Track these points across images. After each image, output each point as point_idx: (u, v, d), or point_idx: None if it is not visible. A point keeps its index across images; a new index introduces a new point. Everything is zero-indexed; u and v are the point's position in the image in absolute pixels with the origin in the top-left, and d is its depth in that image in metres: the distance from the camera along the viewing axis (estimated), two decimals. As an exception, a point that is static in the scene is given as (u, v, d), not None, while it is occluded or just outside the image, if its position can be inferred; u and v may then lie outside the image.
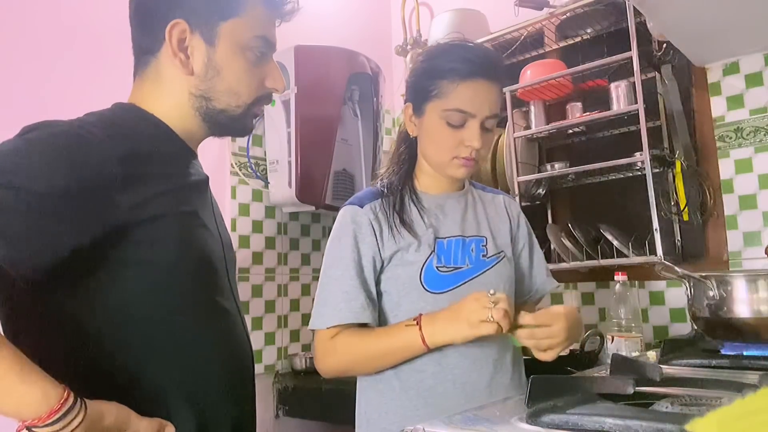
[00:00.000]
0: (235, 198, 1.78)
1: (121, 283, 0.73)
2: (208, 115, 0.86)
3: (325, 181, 1.78)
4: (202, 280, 0.82)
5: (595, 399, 0.70)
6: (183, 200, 0.81)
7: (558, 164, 1.76)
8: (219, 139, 0.96)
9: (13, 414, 0.60)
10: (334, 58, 1.83)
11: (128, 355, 0.74)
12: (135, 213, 0.73)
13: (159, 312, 0.76)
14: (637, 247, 1.54)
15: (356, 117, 1.89)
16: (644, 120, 1.49)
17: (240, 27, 0.83)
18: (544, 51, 1.96)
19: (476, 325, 0.91)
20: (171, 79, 0.84)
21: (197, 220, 0.83)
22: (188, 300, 0.79)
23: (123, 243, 0.72)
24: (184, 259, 0.79)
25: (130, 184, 0.73)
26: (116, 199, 0.71)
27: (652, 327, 1.67)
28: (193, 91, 0.84)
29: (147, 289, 0.75)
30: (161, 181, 0.78)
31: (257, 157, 1.85)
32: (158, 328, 0.76)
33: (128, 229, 0.72)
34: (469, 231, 1.10)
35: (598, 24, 1.81)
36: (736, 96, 1.59)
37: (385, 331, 1.02)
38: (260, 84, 0.88)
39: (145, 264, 0.75)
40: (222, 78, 0.84)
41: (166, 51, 0.82)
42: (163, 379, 0.75)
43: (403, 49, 2.24)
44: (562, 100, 1.82)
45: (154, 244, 0.75)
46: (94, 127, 0.74)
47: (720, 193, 1.59)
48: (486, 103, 1.03)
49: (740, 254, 1.55)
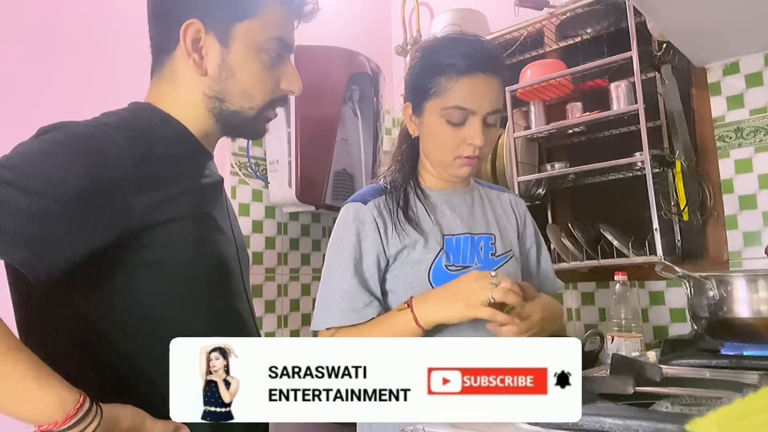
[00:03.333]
0: (235, 198, 1.78)
1: (136, 286, 0.73)
2: (222, 117, 0.85)
3: (325, 181, 1.78)
4: (216, 283, 0.82)
5: (595, 399, 0.70)
6: (198, 202, 0.81)
7: (558, 164, 1.76)
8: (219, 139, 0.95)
9: (29, 419, 0.60)
10: (334, 58, 1.83)
11: (144, 358, 0.73)
12: (150, 215, 0.73)
13: (173, 315, 0.76)
14: (637, 247, 1.54)
15: (356, 117, 1.89)
16: (644, 120, 1.49)
17: (255, 28, 0.82)
18: (544, 51, 1.96)
19: (475, 306, 0.88)
20: (185, 80, 0.84)
21: (212, 222, 0.83)
22: (203, 303, 0.79)
23: (138, 246, 0.72)
24: (199, 263, 0.79)
25: (145, 186, 0.72)
26: (132, 201, 0.71)
27: (652, 327, 1.67)
28: (207, 92, 0.84)
29: (162, 292, 0.75)
30: (177, 183, 0.78)
31: (257, 157, 1.85)
32: (173, 332, 0.74)
33: (143, 231, 0.72)
34: (478, 229, 1.07)
35: (598, 24, 1.81)
36: (736, 96, 1.59)
37: (379, 320, 0.98)
38: (275, 86, 0.87)
39: (160, 267, 0.75)
40: (236, 79, 0.83)
41: (181, 51, 0.82)
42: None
43: (403, 49, 2.24)
44: (562, 100, 1.82)
45: (169, 246, 0.75)
46: (111, 127, 0.73)
47: (720, 193, 1.59)
48: (487, 99, 0.99)
49: (740, 254, 1.55)
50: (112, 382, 0.71)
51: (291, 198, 1.76)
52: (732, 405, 0.55)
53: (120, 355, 0.73)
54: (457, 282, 0.93)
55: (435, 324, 0.93)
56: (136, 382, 0.73)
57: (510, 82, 1.73)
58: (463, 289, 0.91)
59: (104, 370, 0.72)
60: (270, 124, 0.94)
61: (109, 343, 0.72)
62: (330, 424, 1.77)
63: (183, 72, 0.84)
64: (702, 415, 0.53)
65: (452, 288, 0.93)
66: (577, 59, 1.76)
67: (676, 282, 1.46)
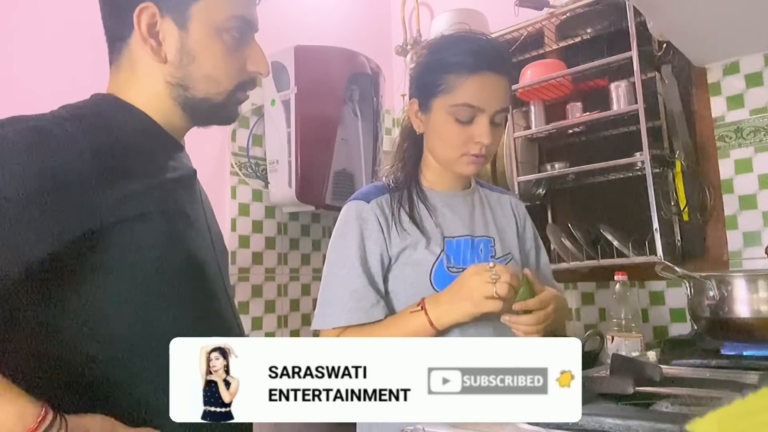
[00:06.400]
0: (235, 198, 1.78)
1: (101, 291, 0.69)
2: (188, 105, 0.80)
3: (325, 181, 1.78)
4: (190, 283, 0.77)
5: (595, 399, 0.70)
6: (166, 198, 0.75)
7: (558, 164, 1.76)
8: (219, 139, 0.92)
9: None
10: (334, 58, 1.83)
11: (113, 364, 0.69)
12: (114, 213, 0.68)
13: (144, 320, 0.71)
14: (637, 247, 1.54)
15: (356, 117, 1.89)
16: (644, 120, 1.49)
17: (213, 7, 0.77)
18: (544, 51, 1.96)
19: (480, 302, 0.89)
20: (145, 68, 0.78)
21: (183, 219, 0.78)
22: (175, 306, 0.74)
23: (103, 246, 0.67)
24: (169, 262, 0.73)
25: (106, 182, 0.67)
26: (93, 198, 0.66)
27: (652, 327, 1.67)
28: (169, 80, 0.78)
29: (132, 294, 0.70)
30: (142, 177, 0.73)
31: (257, 157, 1.85)
32: (143, 337, 0.71)
33: (108, 230, 0.67)
34: (478, 231, 1.08)
35: (598, 24, 1.80)
36: (736, 96, 1.59)
37: (391, 321, 0.97)
38: (241, 68, 0.81)
39: (129, 267, 0.70)
40: (198, 64, 0.78)
41: (137, 38, 0.77)
42: (151, 386, 0.70)
43: (403, 49, 2.24)
44: (562, 100, 1.82)
45: (137, 245, 0.70)
46: (66, 120, 0.69)
47: (720, 193, 1.59)
48: (495, 97, 0.99)
49: (740, 254, 1.55)
50: (80, 391, 0.67)
51: (291, 198, 1.76)
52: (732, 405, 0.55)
53: (87, 363, 0.68)
54: (458, 280, 0.93)
55: (449, 325, 0.94)
56: (105, 390, 0.69)
57: (516, 80, 1.73)
58: (466, 286, 0.91)
59: (71, 379, 0.67)
60: (270, 124, 0.91)
61: (74, 352, 0.68)
62: (330, 424, 1.77)
63: (141, 60, 0.78)
64: (702, 415, 0.54)
65: (456, 287, 0.93)
66: (577, 59, 1.76)
67: (676, 282, 1.46)
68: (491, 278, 0.88)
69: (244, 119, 1.82)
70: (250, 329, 1.76)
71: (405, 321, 0.96)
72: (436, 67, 1.02)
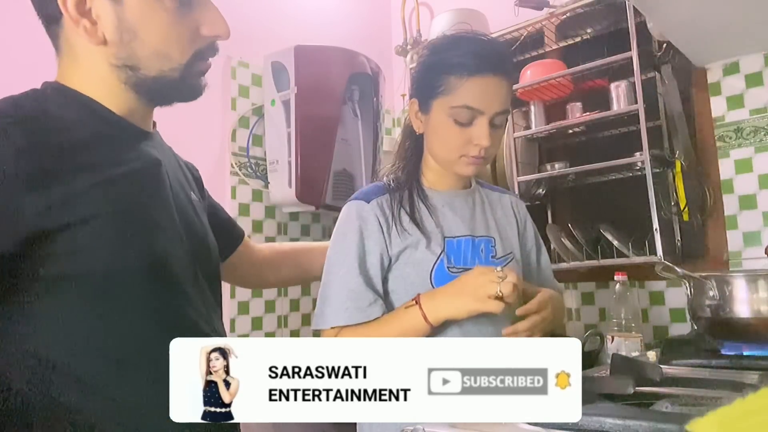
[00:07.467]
0: (235, 198, 1.78)
1: (44, 306, 0.61)
2: (141, 86, 0.71)
3: (325, 181, 1.78)
4: (154, 288, 0.69)
5: (595, 399, 0.70)
6: (119, 195, 0.66)
7: (558, 164, 1.76)
8: (219, 139, 0.88)
9: None
10: (334, 58, 1.83)
11: (69, 387, 0.62)
12: (50, 218, 0.60)
13: (97, 335, 0.64)
14: (637, 247, 1.54)
15: (356, 117, 1.89)
16: (644, 120, 1.49)
17: None
18: (544, 51, 1.96)
19: (483, 299, 0.89)
20: (84, 52, 0.69)
21: (142, 216, 0.69)
22: (138, 314, 0.67)
23: (44, 256, 0.60)
24: (129, 267, 0.66)
25: (39, 183, 0.60)
26: (24, 201, 0.59)
27: (652, 327, 1.67)
28: (114, 62, 0.70)
29: (84, 307, 0.63)
30: (86, 175, 0.64)
31: (257, 157, 1.85)
32: (99, 354, 0.64)
33: (48, 237, 0.60)
34: (479, 231, 1.07)
35: (598, 24, 1.80)
36: (736, 96, 1.59)
37: (385, 319, 0.98)
38: (194, 35, 0.72)
39: (79, 279, 0.62)
40: (141, 40, 0.69)
41: (68, 19, 0.68)
42: (110, 407, 0.64)
43: (403, 49, 2.24)
44: (562, 100, 1.82)
45: (80, 254, 0.62)
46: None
47: (720, 193, 1.59)
48: (495, 99, 0.98)
49: (740, 254, 1.55)
50: (31, 416, 0.61)
51: (291, 198, 1.76)
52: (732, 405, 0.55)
53: (34, 387, 0.61)
54: (463, 277, 0.93)
55: (444, 320, 0.94)
56: (61, 415, 0.62)
57: (517, 81, 1.73)
58: (470, 284, 0.91)
59: (21, 406, 0.61)
60: (270, 124, 0.88)
61: (23, 376, 0.61)
62: (330, 424, 1.77)
63: (78, 43, 0.69)
64: (702, 415, 0.54)
65: (459, 283, 0.93)
66: (577, 59, 1.76)
67: (676, 282, 1.46)
68: (498, 278, 0.88)
69: (244, 119, 1.82)
70: (250, 329, 1.76)
71: (400, 316, 0.96)
72: (436, 67, 1.02)
